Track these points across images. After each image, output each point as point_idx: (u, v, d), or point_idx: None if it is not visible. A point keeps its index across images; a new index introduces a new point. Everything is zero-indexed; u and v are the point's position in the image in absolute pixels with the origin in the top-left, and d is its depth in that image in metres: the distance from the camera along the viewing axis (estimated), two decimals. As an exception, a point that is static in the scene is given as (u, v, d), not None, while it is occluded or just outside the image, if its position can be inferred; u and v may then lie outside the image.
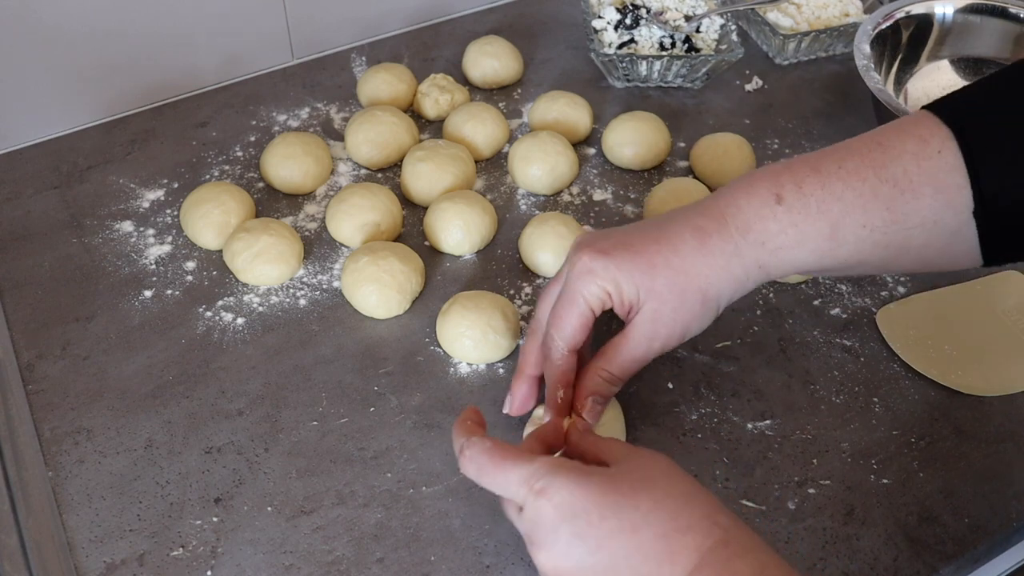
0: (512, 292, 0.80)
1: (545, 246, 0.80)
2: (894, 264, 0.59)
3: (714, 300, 0.59)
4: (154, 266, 0.82)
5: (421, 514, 0.65)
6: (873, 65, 0.87)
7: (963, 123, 0.56)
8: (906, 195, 0.56)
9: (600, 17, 1.01)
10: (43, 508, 0.66)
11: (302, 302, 0.79)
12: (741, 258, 0.58)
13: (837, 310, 0.79)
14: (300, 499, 0.66)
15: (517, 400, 0.65)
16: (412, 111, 0.97)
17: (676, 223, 0.59)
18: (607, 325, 0.66)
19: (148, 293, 0.80)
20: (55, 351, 0.75)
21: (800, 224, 0.57)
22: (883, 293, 0.80)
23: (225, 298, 0.79)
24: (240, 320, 0.78)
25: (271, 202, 0.88)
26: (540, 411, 0.65)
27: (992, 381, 0.73)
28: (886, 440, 0.70)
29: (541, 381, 0.65)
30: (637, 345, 0.59)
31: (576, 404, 0.61)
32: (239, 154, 0.92)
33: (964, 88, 0.60)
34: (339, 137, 0.94)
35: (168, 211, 0.86)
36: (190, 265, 0.82)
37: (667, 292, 0.58)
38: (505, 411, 0.66)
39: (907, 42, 0.96)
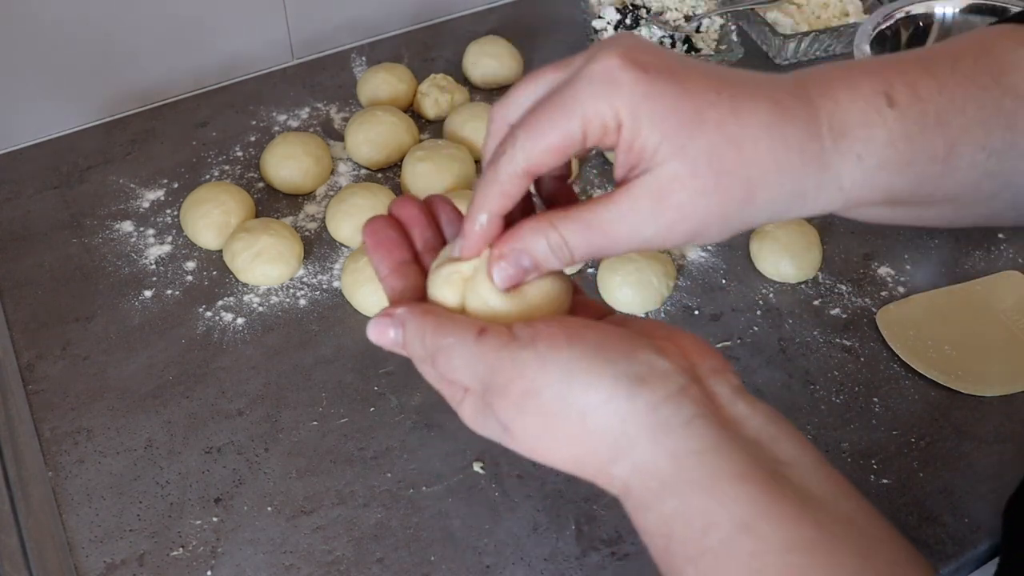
0: (512, 292, 0.80)
1: (545, 246, 0.80)
2: (983, 207, 0.48)
3: (759, 205, 0.40)
4: (154, 266, 0.82)
5: (421, 514, 0.65)
6: (873, 65, 0.87)
7: None
8: None
9: (600, 17, 1.01)
10: (43, 508, 0.66)
11: (302, 302, 0.79)
12: (823, 167, 0.41)
13: (837, 310, 0.79)
14: (300, 499, 0.66)
15: (469, 251, 0.42)
16: (412, 111, 0.97)
17: (748, 84, 0.41)
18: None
19: (148, 293, 0.80)
20: (55, 351, 0.75)
21: (915, 138, 0.42)
22: (883, 293, 0.80)
23: (225, 298, 0.79)
24: (240, 320, 0.78)
25: (271, 202, 0.88)
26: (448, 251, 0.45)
27: (992, 381, 0.73)
28: (886, 440, 0.70)
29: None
30: (622, 218, 0.40)
31: (495, 248, 0.41)
32: (239, 154, 0.92)
33: None
34: (339, 137, 0.94)
35: (168, 211, 0.86)
36: (190, 265, 0.82)
37: (703, 161, 0.39)
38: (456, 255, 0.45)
39: (907, 42, 0.95)
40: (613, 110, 0.39)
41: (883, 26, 0.93)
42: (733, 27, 1.01)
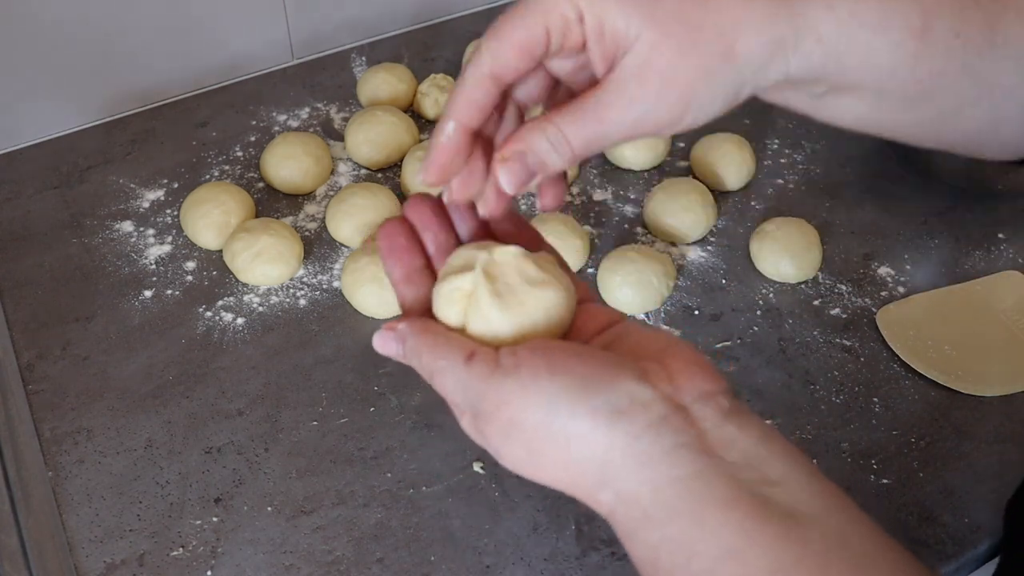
0: (512, 292, 0.80)
1: (545, 246, 0.80)
2: (965, 121, 0.46)
3: (741, 58, 0.39)
4: (154, 266, 0.82)
5: (421, 514, 0.65)
6: (873, 65, 0.87)
7: None
8: (1009, 11, 0.43)
9: (600, 17, 1.01)
10: (43, 508, 0.66)
11: (302, 302, 0.79)
12: (793, 12, 0.40)
13: (837, 310, 0.79)
14: (300, 499, 0.66)
15: (435, 164, 0.42)
16: (412, 111, 0.97)
17: None
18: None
19: (148, 293, 0.80)
20: (55, 351, 0.75)
21: (887, 3, 0.41)
22: (883, 293, 0.80)
23: (225, 298, 0.79)
24: (240, 320, 0.78)
25: (271, 202, 0.88)
26: (461, 256, 0.44)
27: (992, 381, 0.73)
28: (886, 440, 0.70)
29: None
30: (613, 102, 0.39)
31: (496, 156, 0.41)
32: (239, 154, 0.92)
33: None
34: (339, 137, 0.94)
35: (168, 211, 0.86)
36: (190, 265, 0.82)
37: (673, 22, 0.38)
38: (420, 179, 0.46)
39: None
40: (574, 8, 0.39)
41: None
42: None
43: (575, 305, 0.43)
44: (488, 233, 0.46)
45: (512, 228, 0.47)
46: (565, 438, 0.37)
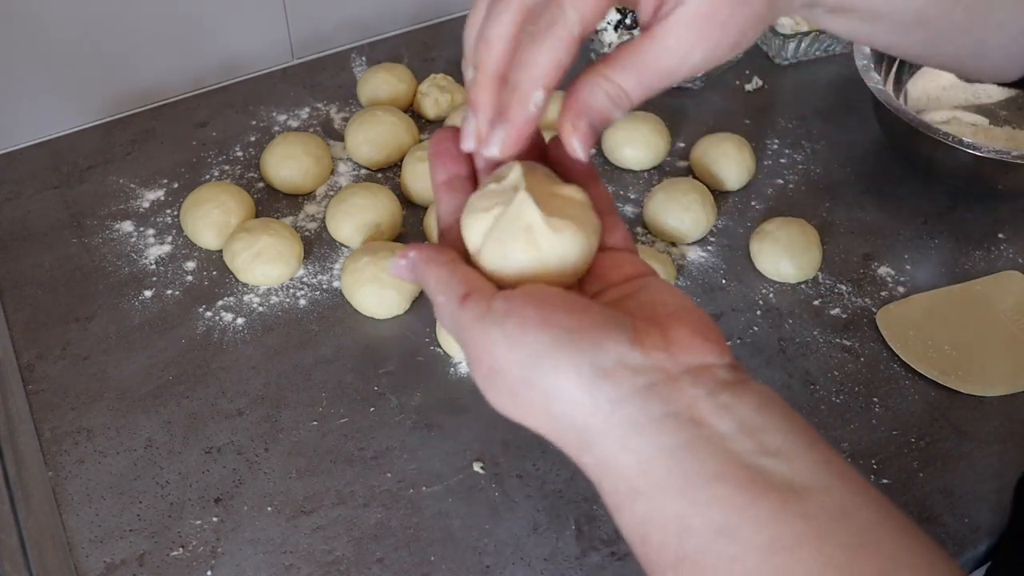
0: (512, 292, 0.80)
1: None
2: (955, 42, 0.48)
3: (776, 4, 0.42)
4: (154, 266, 0.82)
5: (421, 514, 0.65)
6: (873, 65, 0.87)
7: None
8: None
9: (600, 17, 1.01)
10: (43, 508, 0.66)
11: (302, 302, 0.79)
12: None
13: (837, 310, 0.79)
14: (300, 499, 0.66)
15: (517, 138, 0.41)
16: (412, 111, 0.97)
17: None
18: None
19: (148, 293, 0.80)
20: (55, 351, 0.75)
21: None
22: (883, 293, 0.80)
23: (225, 298, 0.79)
24: (240, 320, 0.78)
25: (271, 202, 0.88)
26: (500, 179, 0.43)
27: (992, 381, 0.73)
28: (886, 440, 0.70)
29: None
30: (670, 51, 0.40)
31: (561, 123, 0.41)
32: (239, 154, 0.92)
33: None
34: (339, 137, 0.94)
35: (168, 211, 0.86)
36: (190, 265, 0.82)
37: None
38: (468, 148, 0.43)
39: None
40: None
41: (883, 26, 0.93)
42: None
43: (594, 251, 0.42)
44: (542, 152, 0.45)
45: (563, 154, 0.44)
46: (547, 395, 0.36)
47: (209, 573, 0.62)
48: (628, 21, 1.00)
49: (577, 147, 0.40)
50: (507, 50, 0.40)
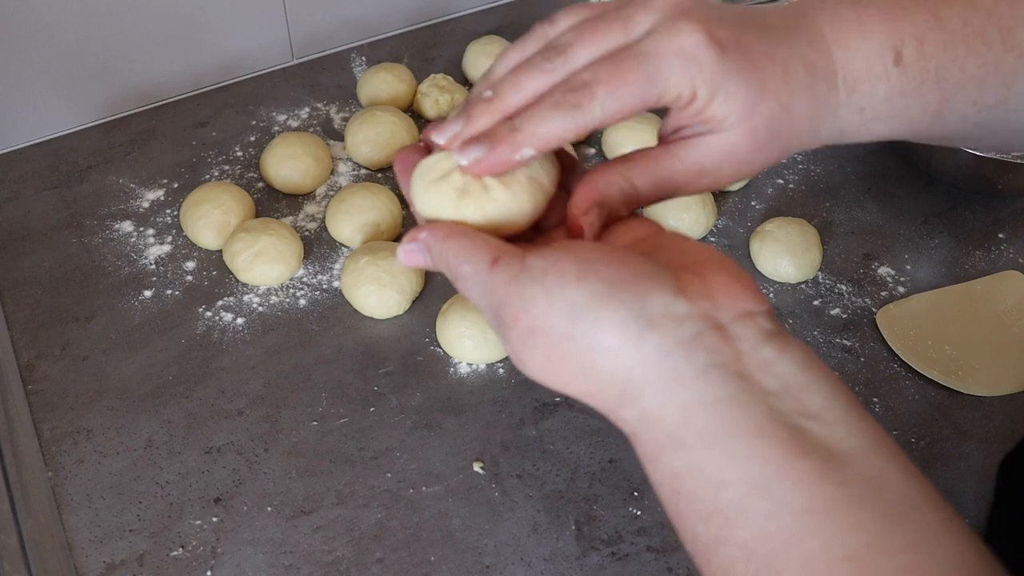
0: (512, 292, 0.80)
1: (545, 246, 0.80)
2: (974, 144, 0.51)
3: (790, 151, 0.45)
4: (154, 266, 0.82)
5: (421, 514, 0.65)
6: (873, 65, 0.87)
7: None
8: None
9: (600, 17, 1.01)
10: (43, 508, 0.66)
11: (302, 302, 0.79)
12: (835, 117, 0.44)
13: (837, 310, 0.79)
14: (300, 499, 0.66)
15: (489, 168, 0.42)
16: (412, 111, 0.97)
17: (785, 42, 0.43)
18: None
19: (148, 293, 0.80)
20: (55, 351, 0.75)
21: (909, 95, 0.44)
22: (883, 293, 0.80)
23: (225, 298, 0.79)
24: (240, 320, 0.78)
25: (271, 202, 0.88)
26: (437, 159, 0.44)
27: (992, 381, 0.73)
28: (886, 440, 0.70)
29: None
30: (687, 170, 0.43)
31: (573, 209, 0.42)
32: (239, 154, 0.92)
33: None
34: (339, 137, 0.94)
35: (168, 211, 0.86)
36: (190, 265, 0.82)
37: (762, 127, 0.42)
38: (438, 141, 0.44)
39: None
40: (692, 86, 0.40)
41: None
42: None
43: (543, 194, 0.43)
44: None
45: None
46: (589, 349, 0.35)
47: (209, 573, 0.62)
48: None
49: (586, 231, 0.41)
50: (530, 102, 0.41)
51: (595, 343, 0.35)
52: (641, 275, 0.36)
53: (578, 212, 0.41)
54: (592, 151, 0.93)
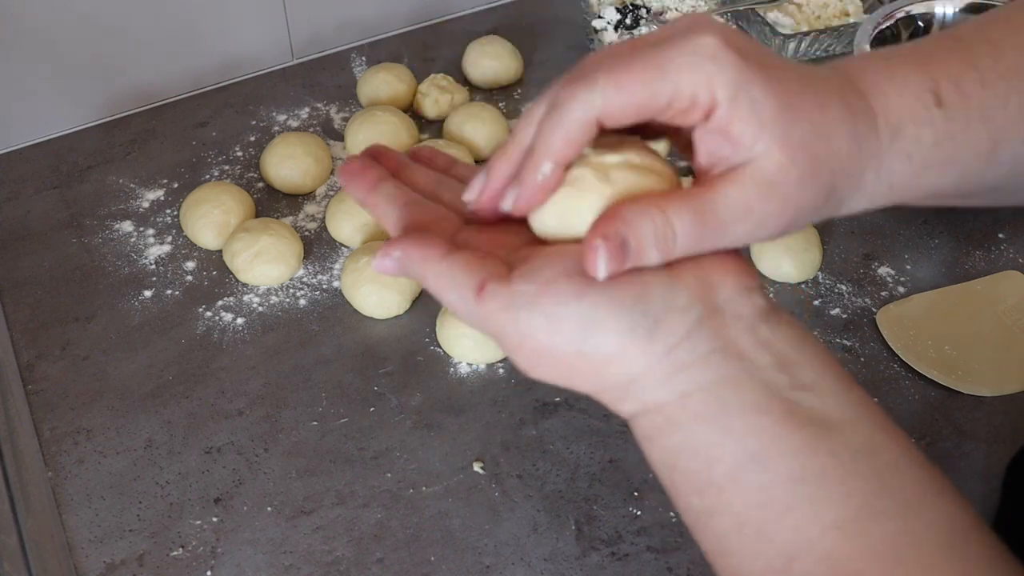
0: (512, 292, 0.80)
1: (545, 246, 0.80)
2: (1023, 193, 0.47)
3: (838, 196, 0.40)
4: (154, 266, 0.82)
5: (421, 514, 0.65)
6: (873, 65, 0.87)
7: None
8: None
9: (600, 17, 1.01)
10: (43, 508, 0.66)
11: (302, 302, 0.79)
12: (879, 163, 0.41)
13: (837, 310, 0.79)
14: (300, 499, 0.66)
15: (526, 202, 0.39)
16: (412, 111, 0.97)
17: (818, 76, 0.39)
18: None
19: (148, 293, 0.80)
20: (55, 351, 0.75)
21: (959, 136, 0.41)
22: (883, 293, 0.80)
23: (225, 298, 0.79)
24: (240, 320, 0.78)
25: (271, 202, 0.88)
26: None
27: (992, 381, 0.73)
28: (886, 440, 0.70)
29: None
30: (732, 208, 0.37)
31: (592, 235, 0.36)
32: (239, 154, 0.92)
33: None
34: (339, 137, 0.94)
35: (168, 211, 0.86)
36: (190, 265, 0.82)
37: (801, 151, 0.37)
38: (467, 199, 0.41)
39: (907, 42, 0.95)
40: (710, 88, 0.36)
41: (883, 26, 0.93)
42: (733, 27, 1.01)
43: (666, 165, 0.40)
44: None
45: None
46: (601, 361, 0.35)
47: (209, 573, 0.62)
48: (628, 21, 1.01)
49: (599, 264, 0.35)
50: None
51: (607, 355, 0.35)
52: (633, 272, 0.36)
53: (598, 239, 0.35)
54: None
